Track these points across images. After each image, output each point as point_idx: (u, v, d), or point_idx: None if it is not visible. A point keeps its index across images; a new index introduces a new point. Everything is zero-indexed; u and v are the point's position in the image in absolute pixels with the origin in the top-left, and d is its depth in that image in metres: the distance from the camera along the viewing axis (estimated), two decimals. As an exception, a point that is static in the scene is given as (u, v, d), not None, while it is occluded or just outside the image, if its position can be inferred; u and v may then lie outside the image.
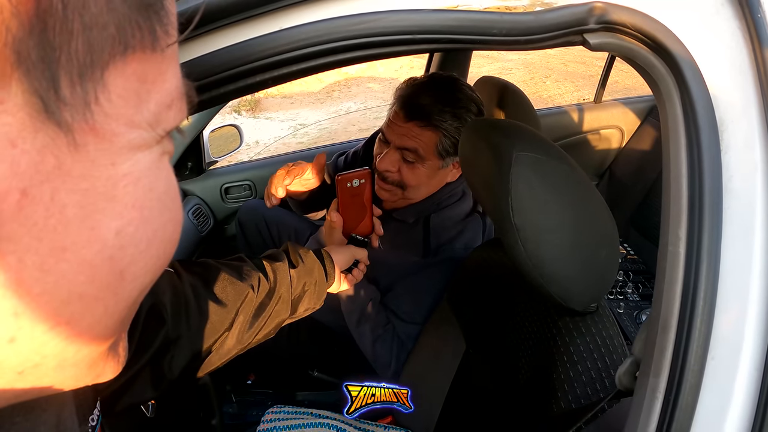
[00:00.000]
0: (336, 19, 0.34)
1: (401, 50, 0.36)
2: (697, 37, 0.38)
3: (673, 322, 0.35)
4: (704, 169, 0.35)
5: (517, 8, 0.38)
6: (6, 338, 0.15)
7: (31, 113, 0.14)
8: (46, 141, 0.14)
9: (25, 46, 0.13)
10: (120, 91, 0.16)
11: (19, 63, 0.13)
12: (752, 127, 0.37)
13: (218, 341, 0.57)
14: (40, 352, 0.17)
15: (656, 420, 0.35)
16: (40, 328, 0.16)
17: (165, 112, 0.18)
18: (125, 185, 0.17)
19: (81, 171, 0.15)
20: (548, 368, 0.59)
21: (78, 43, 0.14)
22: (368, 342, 0.96)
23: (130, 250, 0.17)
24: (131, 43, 0.16)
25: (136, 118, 0.17)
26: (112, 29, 0.15)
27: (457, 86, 0.94)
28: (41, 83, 0.14)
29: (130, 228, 0.17)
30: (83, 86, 0.15)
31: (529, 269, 0.52)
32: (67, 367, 0.18)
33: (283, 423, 0.98)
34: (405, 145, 0.91)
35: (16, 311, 0.15)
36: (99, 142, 0.16)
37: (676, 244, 0.35)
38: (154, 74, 0.17)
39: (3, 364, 0.16)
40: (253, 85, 0.39)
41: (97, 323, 0.18)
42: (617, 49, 0.40)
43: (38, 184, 0.14)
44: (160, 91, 0.17)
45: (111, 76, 0.15)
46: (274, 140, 4.21)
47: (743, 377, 0.34)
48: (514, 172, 0.50)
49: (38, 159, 0.14)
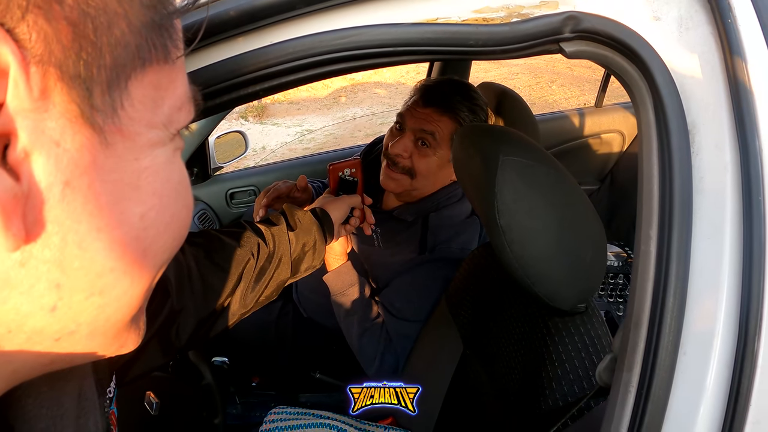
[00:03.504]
0: (321, 34, 0.36)
1: (383, 62, 0.38)
2: (669, 43, 0.40)
3: (645, 318, 0.36)
4: (674, 171, 0.36)
5: (495, 20, 0.40)
6: (49, 307, 0.19)
7: (71, 118, 0.17)
8: (83, 141, 0.17)
9: (65, 64, 0.16)
10: (140, 98, 0.19)
11: (61, 78, 0.16)
12: (723, 130, 0.38)
13: (222, 306, 0.60)
14: (76, 320, 0.20)
15: (629, 413, 0.36)
16: (77, 297, 0.19)
17: (176, 114, 0.21)
18: (147, 176, 0.20)
19: (111, 165, 0.18)
20: (538, 367, 0.60)
21: (106, 60, 0.17)
22: (355, 334, 0.97)
23: (151, 231, 0.21)
24: (148, 58, 0.19)
25: (154, 119, 0.20)
26: (132, 47, 0.18)
27: (473, 88, 1.02)
28: (78, 93, 0.17)
29: (152, 213, 0.20)
30: (111, 95, 0.18)
31: (516, 270, 0.53)
32: (97, 336, 0.21)
33: (285, 423, 1.00)
34: (423, 127, 0.95)
35: (58, 283, 0.18)
36: (125, 141, 0.19)
37: (647, 243, 0.37)
38: (166, 82, 0.20)
39: (43, 332, 0.19)
40: (246, 96, 0.42)
41: (124, 294, 0.21)
42: (592, 56, 0.42)
43: (78, 176, 0.17)
44: (172, 97, 0.21)
45: (133, 85, 0.19)
46: (280, 146, 4.26)
47: (715, 372, 0.36)
48: (500, 176, 0.52)
49: (77, 156, 0.17)
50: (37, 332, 0.19)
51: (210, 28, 0.37)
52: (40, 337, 0.19)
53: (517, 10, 0.40)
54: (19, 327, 0.19)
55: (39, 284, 0.18)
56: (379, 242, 1.04)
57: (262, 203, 0.93)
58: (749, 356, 0.34)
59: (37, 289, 0.18)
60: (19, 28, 0.15)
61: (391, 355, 0.97)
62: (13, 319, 0.18)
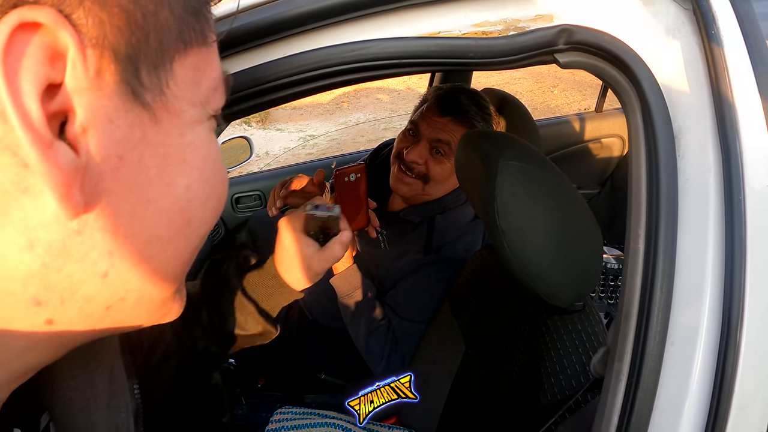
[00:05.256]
0: (331, 47, 0.39)
1: (389, 73, 0.41)
2: (657, 53, 0.43)
3: (634, 311, 0.38)
4: (661, 173, 0.39)
5: (493, 33, 0.42)
6: (101, 273, 0.20)
7: (123, 97, 0.19)
8: (134, 117, 0.19)
9: (117, 47, 0.18)
10: (182, 78, 0.21)
11: (114, 60, 0.18)
12: (706, 134, 0.41)
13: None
14: (125, 287, 0.21)
15: (621, 400, 0.38)
16: (127, 264, 0.21)
17: (212, 94, 0.23)
18: (191, 151, 0.22)
19: (159, 140, 0.20)
20: (538, 363, 0.62)
21: (153, 43, 0.19)
22: (362, 335, 0.99)
23: (195, 203, 0.23)
24: (189, 41, 0.21)
25: (194, 98, 0.22)
26: (175, 31, 0.20)
27: (483, 97, 1.06)
28: (129, 74, 0.18)
29: (195, 185, 0.22)
30: (158, 75, 0.20)
31: (515, 269, 0.56)
32: (144, 303, 0.23)
33: (290, 423, 1.02)
34: (439, 137, 0.98)
35: (111, 250, 0.20)
36: (170, 118, 0.21)
37: (636, 240, 0.39)
38: (204, 64, 0.22)
39: (94, 299, 0.21)
40: (260, 105, 0.44)
41: (169, 261, 0.23)
42: (585, 66, 0.45)
43: (130, 150, 0.19)
44: (209, 78, 0.23)
45: (176, 66, 0.21)
46: (283, 151, 4.29)
47: (701, 361, 0.38)
48: (500, 180, 0.55)
49: (129, 131, 0.19)
50: (88, 300, 0.20)
51: (228, 41, 0.40)
52: (91, 305, 0.21)
53: (514, 24, 0.43)
54: (72, 295, 0.20)
55: (93, 252, 0.19)
56: (385, 244, 1.07)
57: (281, 194, 0.96)
58: (732, 346, 0.37)
59: (90, 257, 0.19)
60: (76, 14, 0.17)
61: (398, 354, 0.99)
62: (67, 287, 0.19)
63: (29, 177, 0.17)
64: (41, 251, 0.18)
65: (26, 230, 0.18)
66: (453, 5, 0.42)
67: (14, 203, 0.17)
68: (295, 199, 1.02)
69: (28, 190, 0.17)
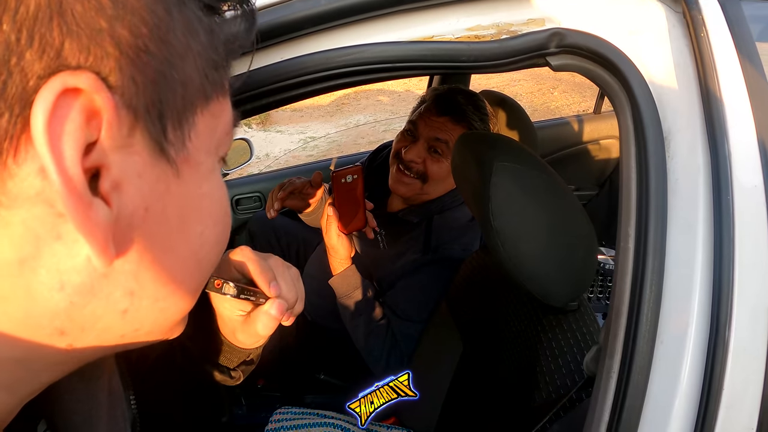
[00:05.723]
0: (328, 51, 0.40)
1: (384, 76, 0.41)
2: (647, 56, 0.43)
3: (624, 309, 0.39)
4: (650, 174, 0.40)
5: (486, 37, 0.43)
6: (121, 310, 0.22)
7: (150, 153, 0.20)
8: (159, 172, 0.20)
9: (148, 106, 0.19)
10: (203, 128, 0.22)
11: (144, 118, 0.19)
12: (696, 136, 0.41)
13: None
14: (141, 321, 0.23)
15: (612, 397, 0.39)
16: (145, 303, 0.22)
17: (224, 138, 0.25)
18: (205, 199, 0.24)
19: (181, 191, 0.22)
20: (533, 363, 0.63)
21: (179, 100, 0.20)
22: (362, 335, 1.00)
23: (206, 247, 0.24)
24: (210, 93, 0.22)
25: (210, 146, 0.23)
26: (198, 86, 0.21)
27: (481, 98, 1.06)
28: (157, 131, 0.20)
29: (207, 230, 0.24)
30: (182, 129, 0.21)
31: (510, 268, 0.56)
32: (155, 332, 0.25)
33: (290, 423, 1.02)
34: (437, 136, 0.99)
35: (132, 291, 0.21)
36: (190, 170, 0.22)
37: (626, 240, 0.40)
38: (219, 110, 0.24)
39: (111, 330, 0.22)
40: (258, 108, 0.45)
41: (182, 299, 0.25)
42: (576, 69, 0.45)
43: (155, 202, 0.20)
44: (223, 123, 0.24)
45: (198, 118, 0.22)
46: (284, 153, 4.31)
47: (690, 359, 0.39)
48: (494, 181, 0.55)
49: (155, 185, 0.20)
50: (105, 330, 0.22)
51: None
52: (108, 334, 0.22)
53: (506, 28, 0.44)
54: (92, 326, 0.21)
55: (116, 292, 0.21)
56: (383, 244, 1.08)
57: (279, 196, 0.97)
58: (721, 344, 0.37)
59: (113, 296, 0.21)
60: (113, 76, 0.18)
61: (397, 354, 1.00)
62: (89, 320, 0.21)
63: (62, 225, 0.18)
64: (70, 291, 0.20)
65: (58, 273, 0.19)
66: (447, 10, 0.42)
67: (47, 248, 0.18)
68: (293, 201, 1.03)
69: (61, 236, 0.18)
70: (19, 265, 0.18)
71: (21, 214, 0.17)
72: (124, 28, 0.18)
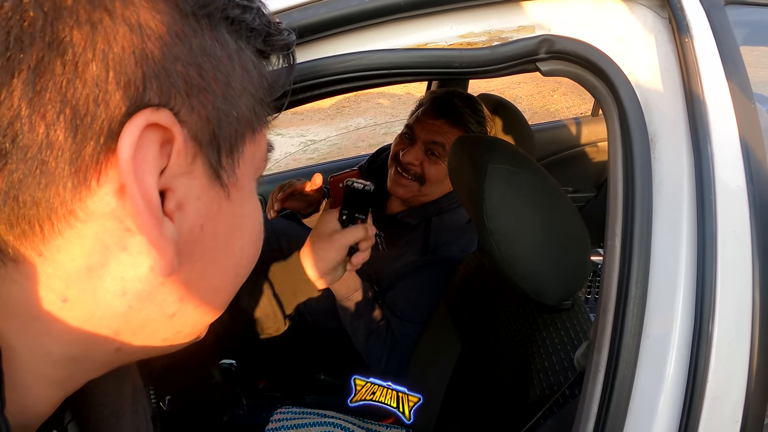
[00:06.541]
0: (324, 59, 0.42)
1: (379, 82, 0.43)
2: (633, 61, 0.45)
3: (611, 305, 0.41)
4: (636, 175, 0.41)
5: (478, 44, 0.45)
6: (170, 314, 0.24)
7: (208, 178, 0.23)
8: (214, 195, 0.23)
9: (208, 137, 0.22)
10: (248, 156, 0.25)
11: (205, 147, 0.22)
12: (680, 138, 0.43)
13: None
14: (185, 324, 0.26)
15: (600, 390, 0.40)
16: (190, 307, 0.25)
17: (261, 164, 0.28)
18: (246, 219, 0.26)
19: (230, 212, 0.25)
20: (528, 360, 0.64)
21: (232, 131, 0.23)
22: (362, 336, 1.01)
23: (244, 260, 0.27)
24: (256, 126, 0.25)
25: (252, 171, 0.26)
26: (248, 120, 0.24)
27: (478, 101, 1.08)
28: (213, 159, 0.23)
29: (247, 246, 0.27)
30: (233, 157, 0.24)
31: (505, 268, 0.58)
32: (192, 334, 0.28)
33: (290, 422, 1.03)
34: (434, 139, 1.01)
35: (182, 297, 0.24)
36: (237, 192, 0.25)
37: (613, 238, 0.41)
38: (260, 138, 0.27)
39: (157, 333, 0.25)
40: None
41: (220, 305, 0.28)
42: (566, 74, 0.47)
43: (209, 221, 0.23)
44: (261, 149, 0.27)
45: (245, 147, 0.25)
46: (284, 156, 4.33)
47: (676, 353, 0.40)
48: (489, 182, 0.57)
49: (210, 206, 0.23)
50: (152, 333, 0.25)
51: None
52: (154, 337, 0.25)
53: (497, 35, 0.45)
54: (142, 330, 0.24)
55: (169, 298, 0.23)
56: (383, 246, 1.09)
57: (279, 197, 0.99)
58: (705, 339, 0.39)
59: (166, 302, 0.23)
60: (183, 111, 0.21)
61: (397, 355, 1.01)
62: (141, 323, 0.23)
63: (129, 238, 0.21)
64: (131, 297, 0.22)
65: (122, 281, 0.21)
66: (440, 18, 0.44)
67: (113, 258, 0.21)
68: (292, 203, 1.04)
69: (127, 248, 0.21)
70: (88, 272, 0.21)
71: (94, 227, 0.20)
72: (194, 71, 0.21)
